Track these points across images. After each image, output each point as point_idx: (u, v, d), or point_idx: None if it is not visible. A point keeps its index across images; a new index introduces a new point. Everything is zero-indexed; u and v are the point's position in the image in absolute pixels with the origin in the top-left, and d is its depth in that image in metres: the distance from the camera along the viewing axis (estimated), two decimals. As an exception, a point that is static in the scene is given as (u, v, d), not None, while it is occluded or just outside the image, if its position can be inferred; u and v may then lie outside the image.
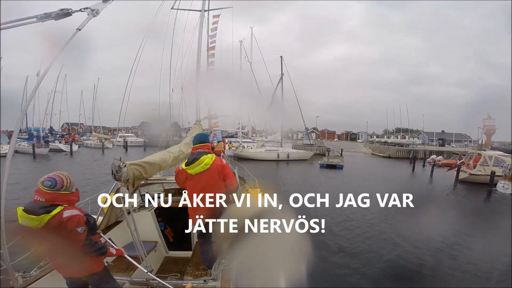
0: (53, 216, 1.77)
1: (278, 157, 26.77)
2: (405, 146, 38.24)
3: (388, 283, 5.09)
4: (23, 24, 1.59)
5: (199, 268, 2.77)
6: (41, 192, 1.82)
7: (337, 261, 5.82)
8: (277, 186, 13.98)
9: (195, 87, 6.17)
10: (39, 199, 1.80)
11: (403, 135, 52.27)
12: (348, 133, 78.48)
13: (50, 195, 1.82)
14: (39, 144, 27.18)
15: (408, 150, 34.46)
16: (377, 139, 56.03)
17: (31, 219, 1.73)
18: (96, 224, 2.13)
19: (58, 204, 1.83)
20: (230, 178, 2.62)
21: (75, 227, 1.82)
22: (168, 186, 4.67)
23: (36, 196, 1.82)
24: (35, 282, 2.20)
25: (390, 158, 33.42)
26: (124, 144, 34.38)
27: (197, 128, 5.13)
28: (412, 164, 23.90)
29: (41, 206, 1.78)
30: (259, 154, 26.73)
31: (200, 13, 7.71)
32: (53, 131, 38.97)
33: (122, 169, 2.47)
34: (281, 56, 30.89)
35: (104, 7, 1.82)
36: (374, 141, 53.22)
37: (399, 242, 6.83)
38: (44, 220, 1.75)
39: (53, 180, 1.86)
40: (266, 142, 29.85)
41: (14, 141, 2.14)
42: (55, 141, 32.60)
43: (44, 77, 1.83)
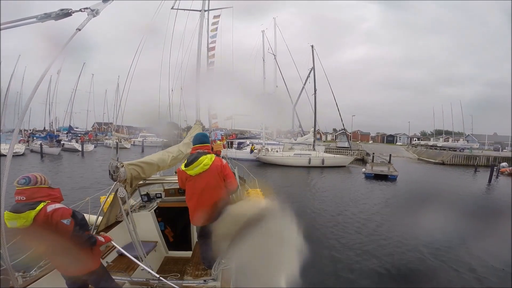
0: (38, 212, 1.78)
1: (310, 162, 22.21)
2: (460, 150, 31.93)
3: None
4: (23, 24, 1.59)
5: (199, 268, 2.77)
6: (20, 191, 1.84)
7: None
8: (312, 205, 10.38)
9: (196, 87, 6.18)
10: (20, 198, 1.82)
11: (446, 138, 45.45)
12: (383, 135, 68.72)
13: (28, 190, 1.83)
14: (51, 144, 25.87)
15: (466, 155, 28.57)
16: (421, 142, 48.61)
17: (17, 217, 1.75)
18: (85, 220, 2.10)
19: (41, 200, 1.84)
20: (230, 179, 2.59)
21: (60, 219, 1.83)
22: (168, 186, 4.67)
23: (17, 196, 1.83)
24: (35, 282, 2.20)
25: (444, 164, 27.43)
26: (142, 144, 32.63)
27: (197, 128, 5.13)
28: (475, 171, 20.85)
29: (24, 204, 1.80)
30: (287, 159, 22.44)
31: (200, 13, 7.71)
32: (72, 130, 37.80)
33: (119, 169, 2.47)
34: (312, 46, 26.11)
35: (104, 7, 1.82)
36: (418, 144, 45.85)
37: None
38: (30, 217, 1.76)
39: (27, 178, 1.88)
40: (295, 145, 25.42)
41: (14, 140, 2.13)
42: (72, 140, 31.04)
43: (44, 76, 1.82)
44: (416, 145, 46.14)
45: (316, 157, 22.65)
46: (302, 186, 15.09)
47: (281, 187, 13.95)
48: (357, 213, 9.31)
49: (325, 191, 13.65)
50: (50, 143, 25.88)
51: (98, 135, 41.91)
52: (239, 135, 29.70)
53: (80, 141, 30.94)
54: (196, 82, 6.52)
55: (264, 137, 25.66)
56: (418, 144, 46.09)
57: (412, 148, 43.55)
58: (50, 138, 27.48)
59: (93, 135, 40.57)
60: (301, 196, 12.04)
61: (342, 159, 24.17)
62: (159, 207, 4.10)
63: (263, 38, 25.64)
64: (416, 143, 49.09)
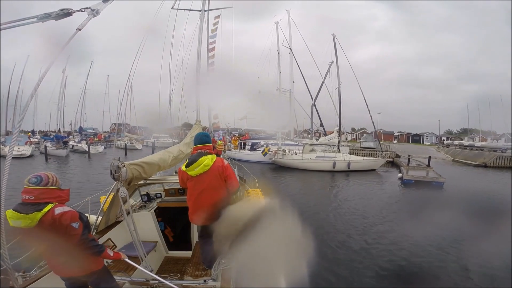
0: (45, 214, 1.76)
1: (334, 166, 18.69)
2: (501, 151, 28.07)
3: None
4: (23, 24, 1.60)
5: (199, 268, 2.77)
6: (29, 190, 1.80)
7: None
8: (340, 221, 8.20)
9: (196, 87, 6.19)
10: (28, 197, 1.79)
11: (475, 136, 42.12)
12: (408, 134, 62.58)
13: (38, 191, 1.81)
14: (58, 145, 25.24)
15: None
16: (454, 141, 43.93)
17: (23, 218, 1.72)
18: (89, 223, 2.09)
19: (48, 201, 1.82)
20: (231, 180, 2.56)
21: (70, 223, 1.81)
22: (168, 186, 4.67)
23: (25, 196, 1.80)
24: (35, 282, 2.20)
25: (487, 167, 24.08)
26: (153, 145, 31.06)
27: (197, 128, 5.14)
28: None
29: (31, 204, 1.78)
30: (308, 163, 19.21)
31: (200, 13, 7.72)
32: (82, 131, 36.99)
33: (120, 169, 2.48)
34: (332, 35, 22.93)
35: (104, 7, 1.83)
36: (451, 144, 41.34)
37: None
38: (36, 218, 1.73)
39: (39, 177, 1.86)
40: (315, 146, 22.29)
41: (14, 141, 2.14)
42: (81, 141, 30.31)
43: (44, 76, 1.82)
44: (448, 145, 41.27)
45: (342, 160, 19.11)
46: (327, 194, 12.38)
47: (301, 195, 12.03)
48: (406, 237, 6.61)
49: (355, 202, 10.63)
50: (57, 145, 25.32)
51: (111, 136, 40.13)
52: (253, 135, 27.48)
53: (89, 142, 29.75)
54: (196, 82, 6.53)
55: (280, 138, 22.40)
56: (450, 144, 41.34)
57: (443, 148, 38.84)
58: (57, 140, 26.85)
59: (104, 136, 39.17)
60: (325, 208, 9.68)
61: (372, 162, 20.39)
62: (159, 207, 4.10)
63: (277, 30, 23.59)
64: (448, 143, 43.82)
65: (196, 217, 2.58)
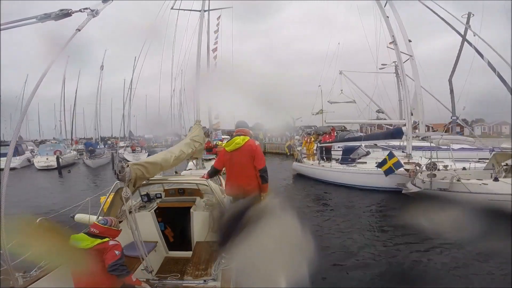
0: (101, 243, 2.32)
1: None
2: None
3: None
4: (23, 24, 1.60)
5: (199, 268, 2.78)
6: (97, 226, 2.46)
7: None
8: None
9: (195, 87, 6.18)
10: (94, 231, 2.41)
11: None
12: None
13: (103, 228, 2.45)
14: (87, 155, 21.89)
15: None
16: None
17: (86, 239, 2.31)
18: (124, 254, 2.52)
19: (106, 236, 2.41)
20: (258, 159, 3.07)
21: (115, 250, 2.33)
22: (168, 186, 4.68)
23: (92, 229, 2.44)
24: (35, 282, 2.20)
25: None
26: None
27: (197, 128, 5.15)
28: None
29: (95, 235, 2.40)
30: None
31: (200, 13, 7.73)
32: (132, 136, 29.89)
33: (125, 169, 2.50)
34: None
35: (104, 7, 1.83)
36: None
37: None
38: (94, 243, 2.28)
39: (105, 220, 2.54)
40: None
41: (13, 146, 2.16)
42: (126, 149, 24.75)
43: (43, 78, 1.83)
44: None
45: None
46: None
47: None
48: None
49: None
50: (86, 154, 22.25)
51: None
52: (341, 133, 16.01)
53: (131, 150, 23.57)
54: (196, 82, 6.53)
55: (411, 137, 10.29)
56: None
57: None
58: (86, 148, 23.32)
59: (146, 142, 29.96)
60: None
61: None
62: (159, 207, 4.10)
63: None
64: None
65: (227, 187, 3.22)
